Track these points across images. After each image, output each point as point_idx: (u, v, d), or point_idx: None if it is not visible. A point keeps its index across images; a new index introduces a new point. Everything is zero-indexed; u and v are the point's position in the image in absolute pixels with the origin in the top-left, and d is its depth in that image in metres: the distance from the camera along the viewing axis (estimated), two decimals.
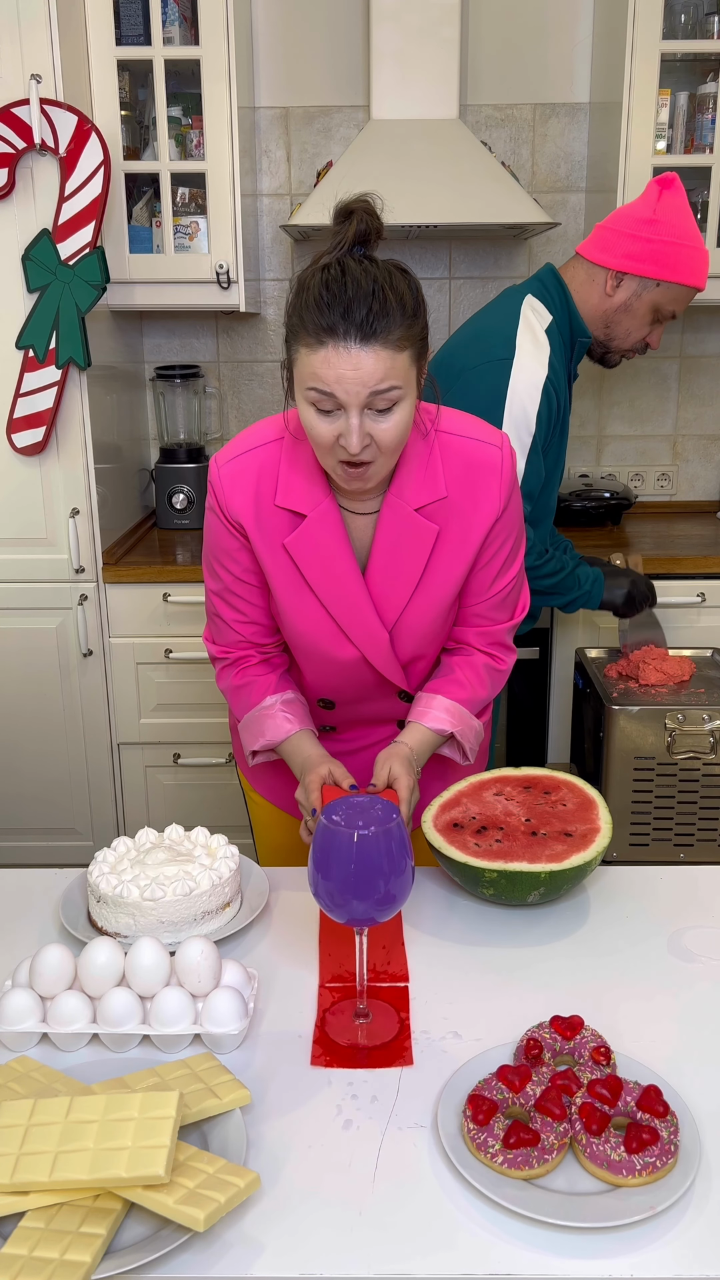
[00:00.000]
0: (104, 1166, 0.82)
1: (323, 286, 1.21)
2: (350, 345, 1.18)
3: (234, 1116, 0.94)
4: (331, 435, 1.24)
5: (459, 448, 1.39)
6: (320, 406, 1.23)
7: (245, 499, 1.39)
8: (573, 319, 1.97)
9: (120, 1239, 0.84)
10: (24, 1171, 0.83)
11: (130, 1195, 0.83)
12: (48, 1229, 0.81)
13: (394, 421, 1.24)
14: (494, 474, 1.38)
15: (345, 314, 1.18)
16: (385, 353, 1.19)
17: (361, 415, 1.22)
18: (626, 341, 2.01)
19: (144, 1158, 0.82)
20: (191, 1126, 0.94)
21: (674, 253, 1.87)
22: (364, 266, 1.22)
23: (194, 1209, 0.80)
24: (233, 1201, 0.83)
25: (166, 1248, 0.82)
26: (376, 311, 1.19)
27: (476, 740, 1.50)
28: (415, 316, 1.23)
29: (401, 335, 1.20)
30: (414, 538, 1.38)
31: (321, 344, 1.19)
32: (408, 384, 1.24)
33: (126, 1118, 0.86)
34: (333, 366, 1.19)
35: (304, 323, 1.21)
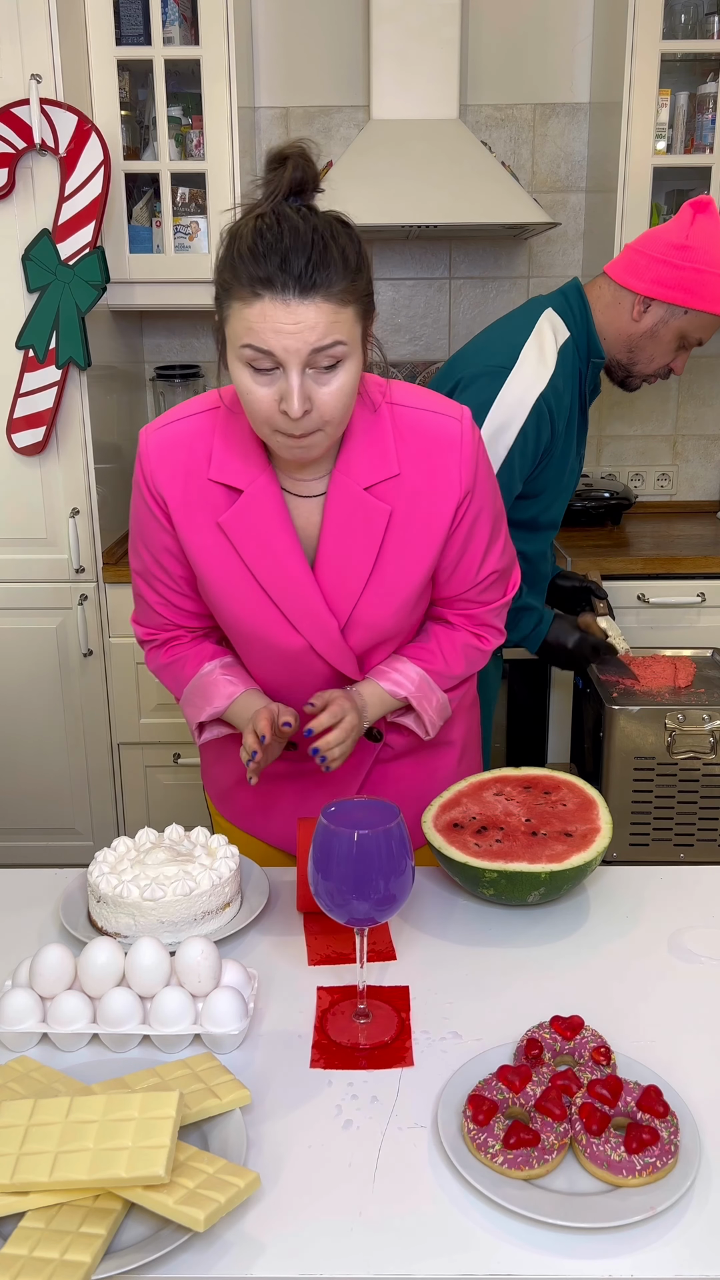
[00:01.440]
0: (104, 1167, 0.82)
1: (256, 235, 1.10)
2: (289, 298, 1.08)
3: (234, 1116, 0.93)
4: (270, 401, 1.13)
5: (413, 421, 1.28)
6: (256, 366, 1.12)
7: (174, 471, 1.28)
8: (590, 338, 1.93)
9: (120, 1239, 0.84)
10: (24, 1172, 0.83)
11: (130, 1195, 0.83)
12: (48, 1229, 0.81)
13: (339, 384, 1.14)
14: (453, 449, 1.27)
15: (283, 264, 1.08)
16: (327, 305, 1.09)
17: (303, 375, 1.11)
18: (650, 367, 1.97)
19: (144, 1158, 0.82)
20: (191, 1127, 0.94)
21: (705, 281, 1.83)
22: (302, 214, 1.11)
23: (194, 1209, 0.80)
24: (233, 1202, 0.83)
25: (167, 1248, 0.81)
26: (317, 261, 1.08)
27: (440, 715, 1.42)
28: (359, 272, 1.13)
29: (344, 288, 1.10)
30: (364, 519, 1.28)
31: (257, 296, 1.09)
32: (352, 342, 1.13)
33: (126, 1118, 0.86)
34: (269, 320, 1.08)
35: (236, 275, 1.10)
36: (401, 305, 3.19)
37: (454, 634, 1.43)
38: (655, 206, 2.83)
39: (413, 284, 3.18)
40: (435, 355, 3.22)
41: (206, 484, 1.28)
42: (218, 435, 1.28)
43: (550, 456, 1.91)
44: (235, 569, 1.30)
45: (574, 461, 2.00)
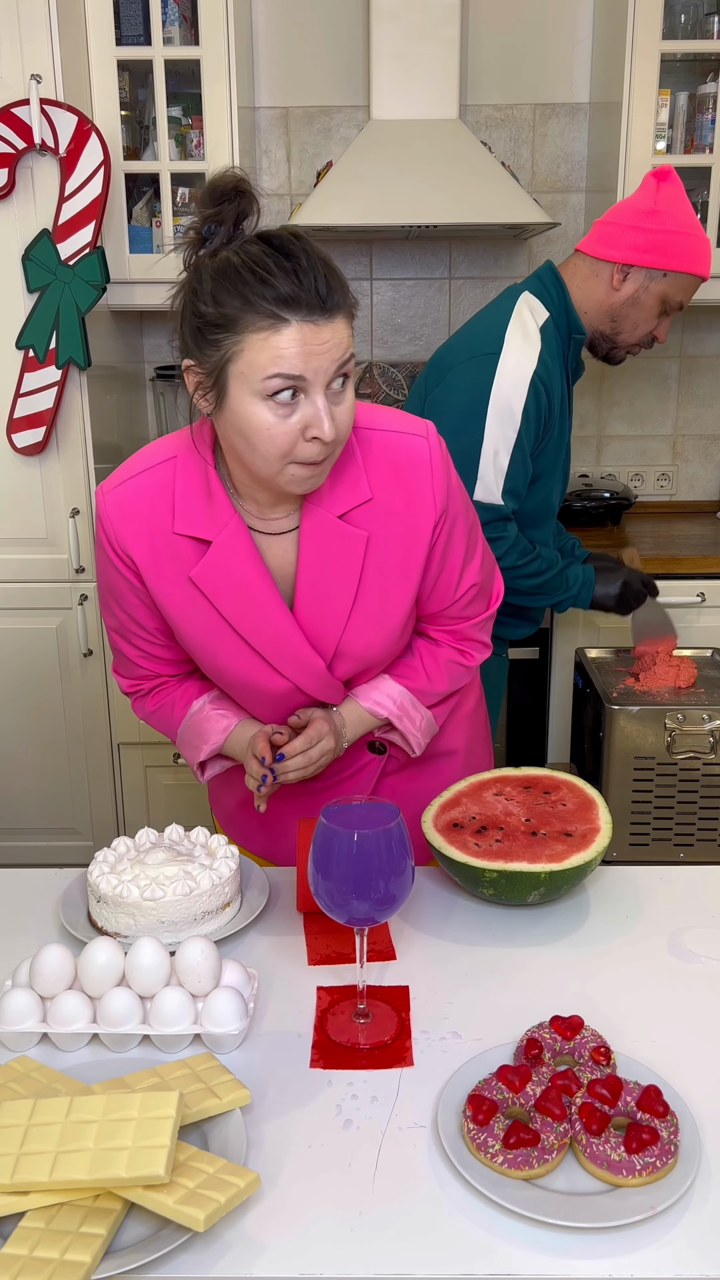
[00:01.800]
0: (104, 1166, 0.82)
1: (265, 261, 1.06)
2: (317, 318, 1.06)
3: (234, 1116, 0.93)
4: (293, 433, 1.10)
5: (380, 443, 1.25)
6: (282, 398, 1.08)
7: (137, 529, 1.24)
8: (569, 315, 1.96)
9: (120, 1239, 0.84)
10: (24, 1172, 0.83)
11: (130, 1195, 0.83)
12: (48, 1229, 0.81)
13: (349, 400, 1.14)
14: (423, 467, 1.24)
15: (305, 283, 1.06)
16: (344, 324, 1.10)
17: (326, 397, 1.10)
18: (634, 335, 1.99)
19: (144, 1158, 0.82)
20: (191, 1126, 0.94)
21: (679, 242, 1.87)
22: (295, 236, 1.09)
23: (194, 1209, 0.80)
24: (233, 1201, 0.83)
25: (166, 1248, 0.81)
26: (333, 280, 1.08)
27: (426, 734, 1.40)
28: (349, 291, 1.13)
29: (348, 304, 1.11)
30: (341, 548, 1.24)
31: (284, 321, 1.05)
32: None
33: (126, 1118, 0.86)
34: (300, 344, 1.06)
35: (251, 304, 1.06)
36: (401, 305, 3.19)
37: (437, 650, 1.41)
38: None
39: (413, 284, 3.18)
40: None
41: (173, 538, 1.24)
42: (178, 486, 1.23)
43: (549, 434, 1.92)
44: (212, 621, 1.27)
45: (567, 443, 2.02)
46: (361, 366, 3.22)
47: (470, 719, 1.58)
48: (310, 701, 1.36)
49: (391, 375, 3.22)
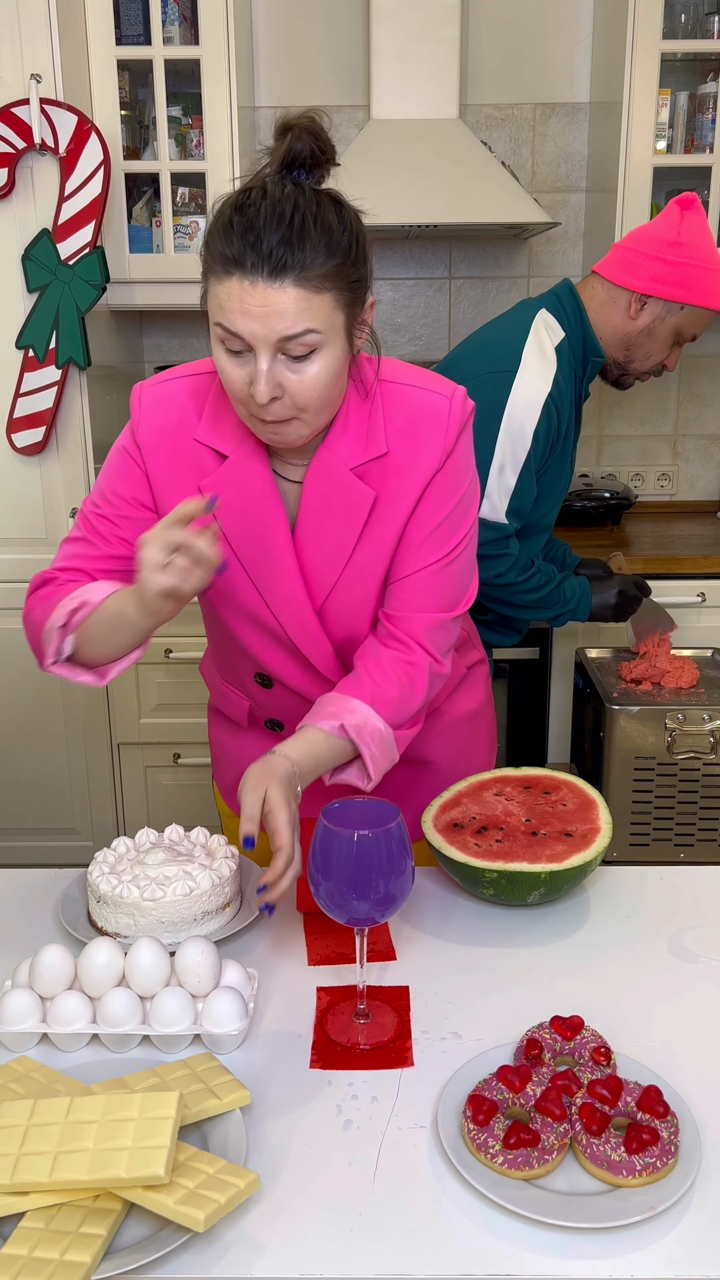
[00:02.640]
0: (104, 1167, 0.82)
1: (235, 210, 1.05)
2: (257, 279, 1.03)
3: (234, 1117, 0.93)
4: (243, 382, 1.09)
5: (403, 397, 1.22)
6: (229, 346, 1.08)
7: (163, 427, 1.23)
8: (586, 338, 1.93)
9: (120, 1239, 0.84)
10: (24, 1172, 0.83)
11: (130, 1196, 0.82)
12: (48, 1229, 0.81)
13: (313, 373, 1.08)
14: (439, 424, 1.21)
15: (255, 242, 1.03)
16: (298, 291, 1.04)
17: (273, 360, 1.07)
18: (645, 364, 1.98)
19: (144, 1158, 0.82)
20: (191, 1127, 0.93)
21: (699, 276, 1.84)
22: (286, 190, 1.06)
23: (194, 1209, 0.80)
24: (233, 1202, 0.82)
25: (166, 1248, 0.81)
26: (290, 240, 1.03)
27: (388, 762, 1.26)
28: (347, 255, 1.07)
29: (323, 273, 1.05)
30: (347, 501, 1.22)
31: (228, 274, 1.05)
32: (330, 331, 1.08)
33: (126, 1118, 0.85)
34: (237, 301, 1.04)
35: (210, 250, 1.07)
36: (401, 305, 3.19)
37: (379, 651, 1.28)
38: (655, 206, 2.83)
39: (413, 284, 3.18)
40: (435, 355, 3.21)
41: (193, 445, 1.23)
42: (211, 398, 1.23)
43: (553, 455, 1.92)
44: None
45: (569, 465, 2.01)
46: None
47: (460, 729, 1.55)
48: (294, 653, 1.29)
49: None
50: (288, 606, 1.27)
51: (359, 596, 1.28)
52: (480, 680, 1.60)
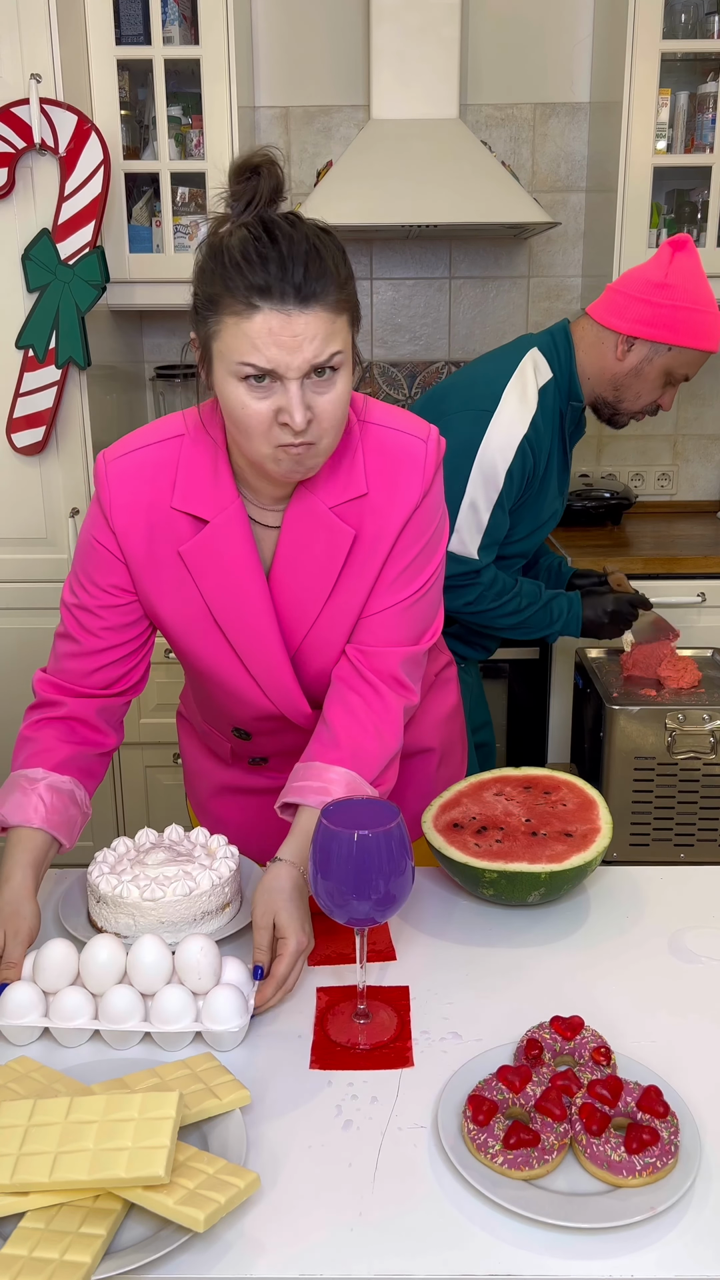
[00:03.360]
0: (104, 1167, 0.82)
1: (249, 243, 1.06)
2: (289, 308, 1.05)
3: (234, 1117, 0.93)
4: (268, 414, 1.09)
5: (381, 439, 1.24)
6: (255, 380, 1.08)
7: (136, 500, 1.22)
8: (572, 381, 1.93)
9: (120, 1239, 0.84)
10: (24, 1172, 0.83)
11: (130, 1196, 0.82)
12: (48, 1229, 0.81)
13: (337, 392, 1.11)
14: (416, 466, 1.23)
15: (281, 273, 1.04)
16: (326, 315, 1.07)
17: (302, 386, 1.08)
18: (636, 404, 1.97)
19: (144, 1158, 0.82)
20: (192, 1127, 0.93)
21: (686, 318, 1.84)
22: (290, 222, 1.09)
23: (194, 1209, 0.80)
24: (233, 1202, 0.82)
25: (166, 1248, 0.81)
26: (313, 271, 1.05)
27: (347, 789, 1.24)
28: (349, 281, 1.11)
29: (338, 299, 1.08)
30: (327, 541, 1.23)
31: (255, 308, 1.05)
32: (347, 350, 1.11)
33: (126, 1118, 0.85)
34: (272, 334, 1.05)
35: (229, 287, 1.06)
36: (401, 305, 3.19)
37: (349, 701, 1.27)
38: (655, 206, 2.83)
39: (413, 284, 3.18)
40: (435, 355, 3.22)
41: (169, 513, 1.23)
42: (182, 463, 1.23)
43: (529, 491, 1.92)
44: (191, 600, 1.26)
45: (554, 500, 2.01)
46: (361, 366, 3.21)
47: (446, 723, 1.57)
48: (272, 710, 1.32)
49: (391, 375, 3.22)
50: (262, 657, 1.28)
51: (334, 637, 1.28)
52: (449, 684, 1.60)
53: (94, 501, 1.27)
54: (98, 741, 1.34)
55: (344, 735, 1.23)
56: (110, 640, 1.30)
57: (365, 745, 1.23)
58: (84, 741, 1.33)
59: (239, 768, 1.50)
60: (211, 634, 1.28)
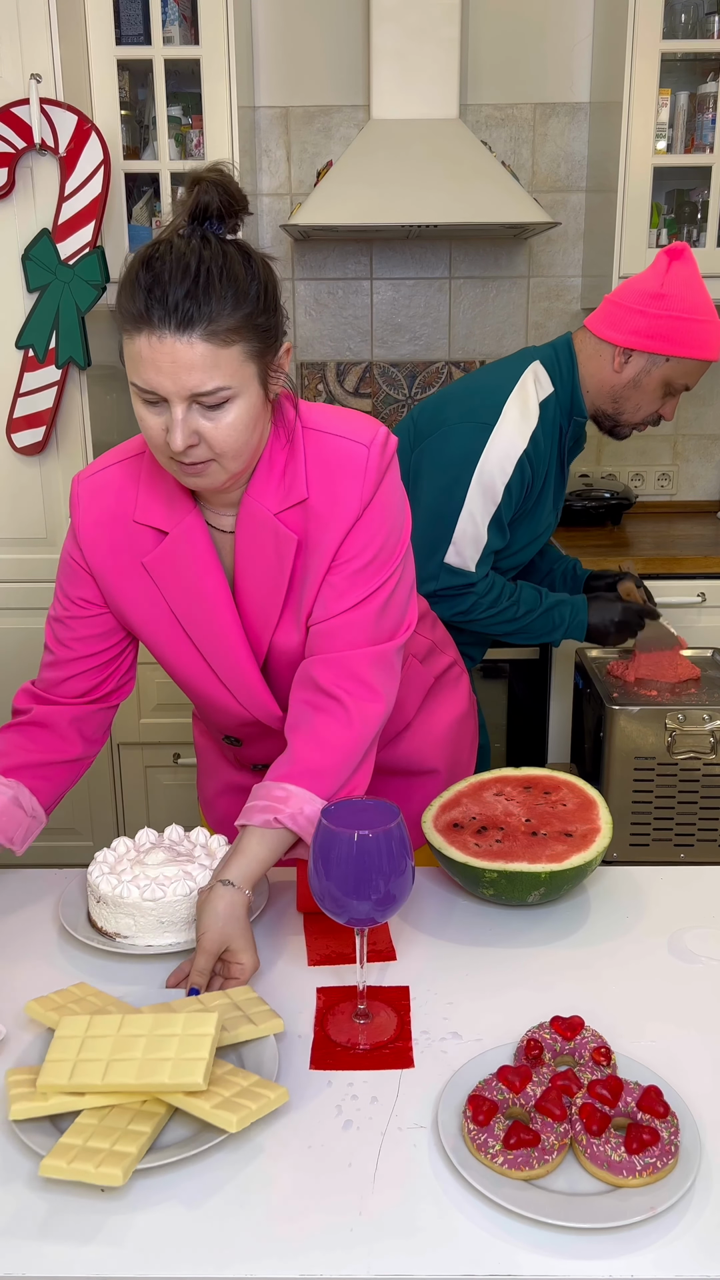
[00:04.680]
0: (150, 1074, 0.92)
1: (142, 266, 1.06)
2: (164, 333, 1.04)
3: (268, 1042, 1.02)
4: (160, 431, 1.11)
5: (323, 445, 1.22)
6: (145, 398, 1.09)
7: (101, 516, 1.26)
8: (574, 395, 1.92)
9: (162, 1140, 0.94)
10: (80, 1076, 0.92)
11: (172, 1100, 0.92)
12: (100, 1125, 0.91)
13: (227, 422, 1.10)
14: (357, 474, 1.20)
15: (160, 297, 1.04)
16: (205, 346, 1.05)
17: (188, 410, 1.08)
18: (636, 416, 1.96)
19: (185, 1068, 0.92)
20: (229, 1048, 1.02)
21: (683, 328, 1.82)
22: (192, 244, 1.07)
23: (228, 1113, 0.90)
24: (263, 1109, 0.92)
25: (203, 1146, 0.90)
26: (195, 295, 1.04)
27: None
28: (256, 305, 1.08)
29: (231, 326, 1.05)
30: (274, 546, 1.22)
31: (137, 330, 1.06)
32: (241, 382, 1.09)
33: (171, 1034, 0.95)
34: (148, 357, 1.06)
35: (121, 303, 1.07)
36: (401, 305, 3.19)
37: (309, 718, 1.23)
38: (655, 206, 2.83)
39: (413, 284, 3.18)
40: (435, 355, 3.22)
41: (132, 526, 1.25)
42: (143, 479, 1.25)
43: (527, 502, 1.91)
44: (159, 611, 1.28)
45: (548, 515, 2.00)
46: (361, 366, 3.22)
47: (453, 736, 1.56)
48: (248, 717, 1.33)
49: (391, 375, 3.22)
50: (230, 663, 1.28)
51: (298, 642, 1.28)
52: (458, 685, 1.59)
53: (70, 525, 1.30)
54: (60, 749, 1.34)
55: (299, 752, 1.20)
56: (81, 650, 1.33)
57: (318, 760, 1.20)
58: (44, 748, 1.34)
59: (245, 770, 1.51)
60: (182, 643, 1.30)
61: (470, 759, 1.63)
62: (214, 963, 1.12)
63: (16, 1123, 0.93)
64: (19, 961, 1.21)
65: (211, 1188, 0.89)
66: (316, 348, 3.21)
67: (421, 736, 1.51)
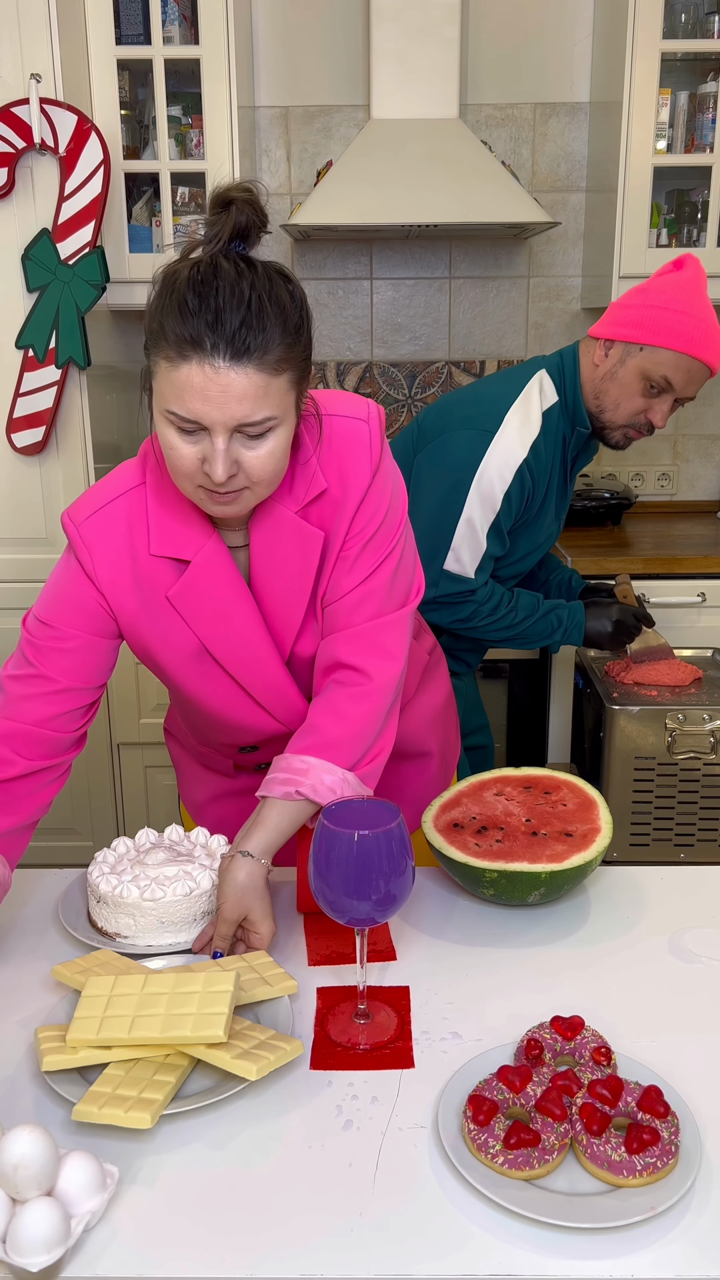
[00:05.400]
0: (173, 1028, 0.97)
1: (189, 288, 1.03)
2: (218, 362, 1.01)
3: (283, 1002, 1.09)
4: (194, 460, 1.07)
5: (331, 429, 1.21)
6: (184, 427, 1.06)
7: (117, 556, 1.20)
8: (577, 405, 1.91)
9: (184, 1090, 1.00)
10: (107, 1030, 0.98)
11: (195, 1052, 0.98)
12: (127, 1076, 0.97)
13: (268, 449, 1.08)
14: (363, 449, 1.20)
15: (214, 324, 1.01)
16: (259, 376, 1.03)
17: (230, 440, 1.06)
18: (617, 414, 1.90)
19: (206, 1022, 0.97)
20: (246, 1008, 1.09)
21: (658, 317, 1.80)
22: (239, 268, 1.05)
23: (248, 1063, 0.95)
24: (279, 1060, 0.97)
25: (225, 1094, 0.97)
26: (252, 325, 1.02)
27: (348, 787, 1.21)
28: (298, 333, 1.07)
29: (280, 356, 1.04)
30: (298, 545, 1.21)
31: (184, 359, 1.02)
32: (284, 412, 1.07)
33: (192, 991, 1.01)
34: (197, 386, 1.02)
35: (164, 330, 1.03)
36: (401, 305, 3.19)
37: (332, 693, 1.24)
38: (655, 206, 2.83)
39: (413, 284, 3.18)
40: (435, 355, 3.22)
41: (150, 560, 1.21)
42: (151, 510, 1.21)
43: (525, 516, 1.91)
44: (185, 642, 1.25)
45: (550, 524, 1.99)
46: (361, 366, 3.22)
47: (441, 718, 1.56)
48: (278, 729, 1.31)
49: (391, 375, 3.22)
50: (262, 678, 1.27)
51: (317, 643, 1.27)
52: (440, 667, 1.60)
53: (70, 559, 1.24)
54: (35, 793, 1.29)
55: (319, 724, 1.21)
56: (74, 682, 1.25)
57: (338, 732, 1.20)
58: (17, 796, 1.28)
59: (243, 775, 1.50)
60: (209, 669, 1.27)
61: (456, 743, 1.63)
62: (234, 930, 1.17)
63: (48, 1074, 0.99)
64: (20, 961, 1.21)
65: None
66: (317, 347, 3.20)
67: (418, 716, 1.50)
